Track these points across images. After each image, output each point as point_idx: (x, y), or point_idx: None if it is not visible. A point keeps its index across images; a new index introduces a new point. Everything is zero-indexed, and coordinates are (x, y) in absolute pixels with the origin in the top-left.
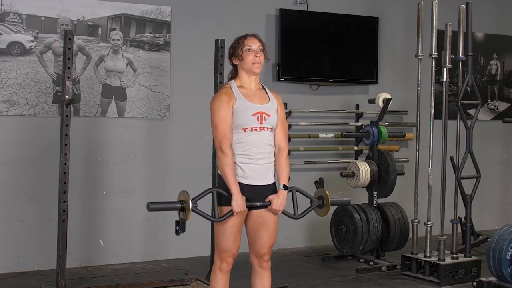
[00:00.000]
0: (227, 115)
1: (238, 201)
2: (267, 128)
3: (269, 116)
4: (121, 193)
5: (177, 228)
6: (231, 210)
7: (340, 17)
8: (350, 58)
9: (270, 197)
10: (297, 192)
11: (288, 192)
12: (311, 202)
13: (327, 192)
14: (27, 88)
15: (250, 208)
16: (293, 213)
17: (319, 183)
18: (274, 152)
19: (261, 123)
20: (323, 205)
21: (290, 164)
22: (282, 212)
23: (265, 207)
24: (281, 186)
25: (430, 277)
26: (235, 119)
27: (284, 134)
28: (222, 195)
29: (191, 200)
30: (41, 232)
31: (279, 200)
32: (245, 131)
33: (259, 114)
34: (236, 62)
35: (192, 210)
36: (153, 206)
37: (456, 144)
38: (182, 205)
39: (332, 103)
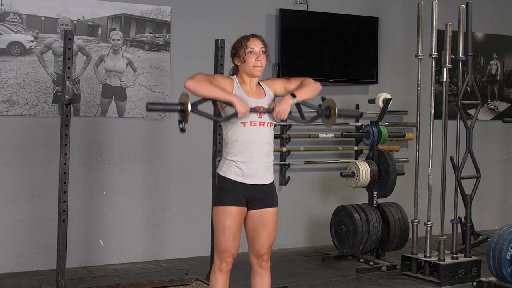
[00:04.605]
0: (223, 81)
1: (241, 102)
2: (267, 123)
3: None
4: (121, 193)
5: (181, 126)
6: (235, 112)
7: (340, 17)
8: (350, 58)
9: (274, 103)
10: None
11: (294, 103)
12: (317, 112)
13: (334, 102)
14: (27, 88)
15: (252, 110)
16: (300, 119)
17: (324, 99)
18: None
19: (260, 117)
20: (330, 114)
21: (312, 94)
22: (289, 117)
23: (269, 112)
24: (289, 94)
25: (430, 277)
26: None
27: (298, 79)
28: (219, 195)
29: (191, 103)
30: (41, 232)
31: (282, 105)
32: (244, 125)
33: (257, 109)
34: (237, 63)
35: (192, 111)
36: (151, 107)
37: (456, 144)
38: (181, 107)
39: None
